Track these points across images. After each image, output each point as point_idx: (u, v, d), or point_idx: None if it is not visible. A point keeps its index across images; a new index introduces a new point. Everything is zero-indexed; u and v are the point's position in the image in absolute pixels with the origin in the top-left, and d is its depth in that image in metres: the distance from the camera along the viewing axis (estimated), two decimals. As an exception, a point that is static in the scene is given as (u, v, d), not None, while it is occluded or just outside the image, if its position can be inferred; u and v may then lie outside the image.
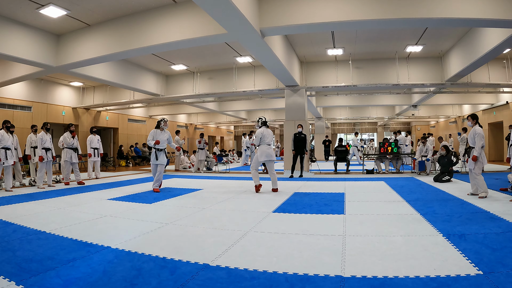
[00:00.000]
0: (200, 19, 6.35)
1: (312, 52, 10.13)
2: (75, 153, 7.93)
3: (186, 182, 8.27)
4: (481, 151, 5.27)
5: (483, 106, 16.05)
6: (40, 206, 5.06)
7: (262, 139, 6.28)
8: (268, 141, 6.32)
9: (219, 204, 5.16)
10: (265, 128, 6.37)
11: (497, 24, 5.95)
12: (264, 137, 6.28)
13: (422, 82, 10.40)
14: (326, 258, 2.62)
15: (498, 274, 2.22)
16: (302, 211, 4.52)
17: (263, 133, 6.29)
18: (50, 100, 12.71)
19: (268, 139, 6.33)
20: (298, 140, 9.07)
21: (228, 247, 2.91)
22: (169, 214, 4.43)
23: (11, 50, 6.95)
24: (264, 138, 6.28)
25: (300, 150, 9.02)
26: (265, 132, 6.31)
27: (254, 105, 17.13)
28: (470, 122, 5.59)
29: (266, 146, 6.29)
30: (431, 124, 25.98)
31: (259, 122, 6.45)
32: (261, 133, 6.30)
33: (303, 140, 9.04)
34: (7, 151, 6.73)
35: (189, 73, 12.26)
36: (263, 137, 6.28)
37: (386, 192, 6.09)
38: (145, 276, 2.32)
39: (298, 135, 9.12)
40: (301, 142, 9.04)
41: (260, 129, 6.36)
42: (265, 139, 6.28)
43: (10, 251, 2.87)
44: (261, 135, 6.28)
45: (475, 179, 5.33)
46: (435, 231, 3.32)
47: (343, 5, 5.95)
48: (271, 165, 6.34)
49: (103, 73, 9.86)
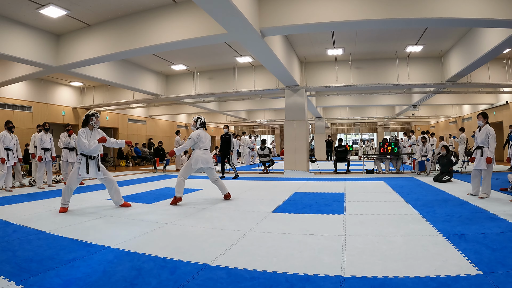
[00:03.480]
0: (200, 19, 6.34)
1: (312, 52, 10.12)
2: (72, 152, 7.91)
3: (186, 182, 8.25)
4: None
5: (483, 106, 16.04)
6: (40, 206, 5.06)
7: (197, 142, 5.29)
8: (204, 145, 5.35)
9: (219, 204, 5.16)
10: (202, 130, 5.41)
11: (497, 24, 5.95)
12: (200, 140, 5.31)
13: (422, 82, 10.39)
14: (326, 258, 2.62)
15: (498, 274, 2.22)
16: (302, 211, 4.52)
17: (199, 135, 5.31)
18: (50, 100, 12.71)
19: (206, 143, 5.37)
20: (223, 141, 9.38)
21: (228, 247, 2.91)
22: (169, 214, 4.42)
23: (11, 50, 6.95)
24: (200, 141, 5.31)
25: (226, 151, 9.29)
26: (203, 134, 5.36)
27: (254, 105, 17.14)
28: (481, 121, 5.40)
29: (202, 150, 5.31)
30: (431, 124, 25.98)
31: (197, 123, 5.42)
32: (198, 135, 5.30)
33: (228, 141, 9.31)
34: (8, 152, 6.74)
35: (189, 73, 12.26)
36: (199, 140, 5.29)
37: (386, 192, 6.09)
38: (145, 276, 2.32)
39: (224, 136, 9.40)
40: (227, 143, 9.32)
41: (197, 131, 5.36)
42: (200, 143, 5.31)
43: (10, 251, 2.87)
44: (197, 137, 5.28)
45: (484, 179, 5.19)
46: (435, 231, 3.32)
47: (343, 5, 5.95)
48: (210, 172, 5.42)
49: (103, 73, 9.86)
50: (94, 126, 4.87)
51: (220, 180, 5.55)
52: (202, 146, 5.31)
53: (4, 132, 6.80)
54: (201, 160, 5.25)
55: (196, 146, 5.31)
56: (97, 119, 4.88)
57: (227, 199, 5.54)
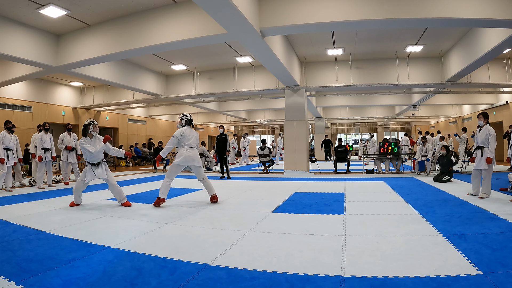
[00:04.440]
0: (200, 19, 6.34)
1: (312, 52, 10.12)
2: (72, 153, 7.89)
3: (186, 182, 8.26)
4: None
5: (483, 106, 16.04)
6: (40, 206, 5.06)
7: (182, 140, 5.09)
8: (190, 143, 5.10)
9: (219, 204, 5.15)
10: (188, 128, 5.21)
11: (497, 24, 5.95)
12: (185, 138, 5.09)
13: (422, 82, 10.39)
14: (326, 258, 2.62)
15: (498, 274, 2.22)
16: (302, 211, 4.52)
17: (183, 133, 5.10)
18: (50, 100, 12.71)
19: (191, 141, 5.12)
20: (219, 141, 9.35)
21: (228, 247, 2.91)
22: (169, 214, 4.42)
23: (11, 50, 6.95)
24: (185, 138, 5.09)
25: (222, 151, 9.28)
26: (187, 131, 5.14)
27: (254, 105, 17.14)
28: (481, 121, 5.40)
29: (187, 148, 5.09)
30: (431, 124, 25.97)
31: (182, 120, 5.24)
32: (181, 133, 5.10)
33: (224, 141, 9.28)
34: (8, 152, 6.73)
35: (189, 73, 12.26)
36: (183, 138, 5.09)
37: (386, 192, 6.09)
38: (145, 276, 2.32)
39: (220, 137, 9.37)
40: (222, 143, 9.28)
41: (182, 129, 5.17)
42: (185, 141, 5.08)
43: (10, 251, 2.87)
44: (180, 135, 5.08)
45: (484, 179, 5.19)
46: (435, 231, 3.32)
47: (343, 5, 5.95)
48: (197, 170, 5.18)
49: (103, 73, 9.86)
50: (94, 133, 5.11)
51: (208, 180, 5.27)
52: (187, 144, 5.10)
53: (4, 132, 6.80)
54: (185, 158, 5.03)
55: (180, 144, 5.15)
56: (94, 127, 5.11)
57: (214, 201, 5.21)
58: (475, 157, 5.42)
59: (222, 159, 9.37)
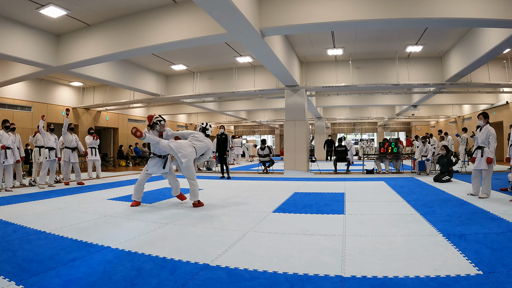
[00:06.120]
0: (200, 19, 6.34)
1: (312, 52, 10.12)
2: (73, 152, 7.90)
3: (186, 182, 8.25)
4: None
5: (483, 106, 16.04)
6: (40, 206, 5.05)
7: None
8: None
9: (219, 204, 5.16)
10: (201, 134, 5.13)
11: (497, 24, 5.95)
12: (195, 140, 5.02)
13: (422, 82, 10.39)
14: (326, 258, 2.62)
15: (498, 274, 2.22)
16: (302, 211, 4.52)
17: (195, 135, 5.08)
18: (50, 100, 12.71)
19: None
20: (219, 141, 9.34)
21: (228, 247, 2.91)
22: (169, 214, 4.43)
23: (11, 50, 6.95)
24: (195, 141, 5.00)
25: (222, 151, 9.28)
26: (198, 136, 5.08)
27: (254, 105, 17.14)
28: (481, 121, 5.40)
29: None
30: (431, 124, 25.97)
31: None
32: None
33: (224, 141, 9.29)
34: (7, 151, 6.72)
35: (189, 73, 12.26)
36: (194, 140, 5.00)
37: (386, 192, 6.09)
38: (145, 276, 2.32)
39: (220, 137, 9.38)
40: (223, 143, 9.29)
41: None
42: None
43: (10, 251, 2.87)
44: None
45: (485, 179, 5.19)
46: (435, 231, 3.32)
47: (343, 5, 5.95)
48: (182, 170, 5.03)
49: (103, 73, 9.86)
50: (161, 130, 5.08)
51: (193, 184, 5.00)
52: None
53: (1, 131, 6.78)
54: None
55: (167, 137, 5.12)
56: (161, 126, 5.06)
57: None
58: (475, 157, 5.42)
59: (222, 159, 9.38)
